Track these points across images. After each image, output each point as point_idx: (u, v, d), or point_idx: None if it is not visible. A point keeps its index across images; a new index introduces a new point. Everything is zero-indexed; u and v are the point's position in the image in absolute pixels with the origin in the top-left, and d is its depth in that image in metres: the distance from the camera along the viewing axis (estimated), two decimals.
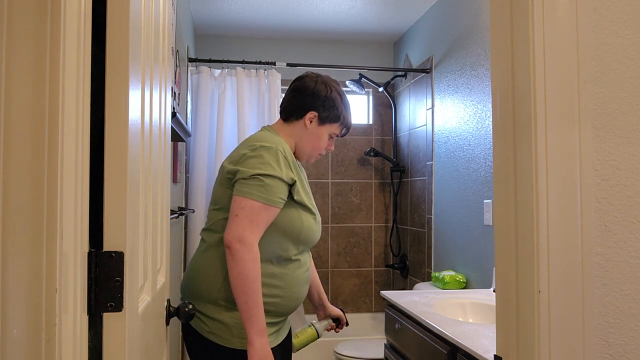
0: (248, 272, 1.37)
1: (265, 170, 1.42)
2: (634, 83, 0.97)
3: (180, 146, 2.73)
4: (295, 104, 1.61)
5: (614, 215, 0.95)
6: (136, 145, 0.84)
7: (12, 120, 0.62)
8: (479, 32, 2.66)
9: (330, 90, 1.61)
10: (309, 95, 1.59)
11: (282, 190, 1.44)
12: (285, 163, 1.46)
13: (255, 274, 1.38)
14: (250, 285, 1.37)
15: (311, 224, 1.53)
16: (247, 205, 1.40)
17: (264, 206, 1.41)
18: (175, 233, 2.57)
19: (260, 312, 1.38)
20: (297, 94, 1.61)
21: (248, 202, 1.40)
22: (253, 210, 1.40)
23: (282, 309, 1.51)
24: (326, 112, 1.60)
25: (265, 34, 3.86)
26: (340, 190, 4.02)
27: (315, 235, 1.56)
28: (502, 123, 1.01)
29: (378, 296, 4.05)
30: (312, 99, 1.59)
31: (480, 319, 2.01)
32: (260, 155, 1.44)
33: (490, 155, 2.52)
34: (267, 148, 1.45)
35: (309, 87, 1.61)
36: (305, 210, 1.52)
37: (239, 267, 1.37)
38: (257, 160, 1.43)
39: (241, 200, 1.41)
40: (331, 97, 1.60)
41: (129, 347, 0.78)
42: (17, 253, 0.61)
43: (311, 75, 1.64)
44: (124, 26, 0.77)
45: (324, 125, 1.61)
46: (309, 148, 1.62)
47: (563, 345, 0.91)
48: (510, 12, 0.98)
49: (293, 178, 1.47)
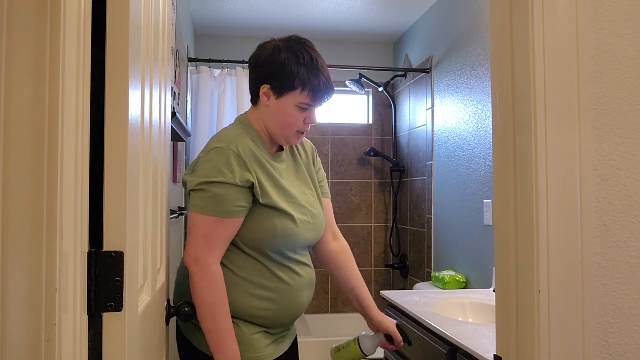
0: (205, 297, 1.23)
1: (213, 177, 1.24)
2: (634, 83, 0.97)
3: (180, 146, 2.73)
4: (251, 82, 1.39)
5: (614, 215, 0.95)
6: (136, 145, 0.84)
7: (12, 120, 0.62)
8: (479, 32, 2.66)
9: (279, 52, 1.31)
10: (258, 67, 1.35)
11: (238, 197, 1.25)
12: (240, 163, 1.26)
13: (215, 299, 1.23)
14: (210, 311, 1.23)
15: (289, 229, 1.32)
16: (198, 222, 1.25)
17: (218, 219, 1.25)
18: (175, 233, 2.57)
19: (228, 339, 1.23)
20: (258, 66, 1.35)
21: (199, 217, 1.25)
22: (206, 226, 1.25)
23: (277, 320, 1.36)
24: (278, 82, 1.31)
25: (265, 34, 3.85)
26: (340, 190, 4.02)
27: (299, 238, 1.35)
28: (502, 123, 1.01)
29: (378, 296, 4.04)
30: (262, 70, 1.34)
31: (480, 319, 2.01)
32: (209, 159, 1.27)
33: (490, 155, 2.52)
34: (218, 150, 1.27)
35: (257, 56, 1.36)
36: (279, 214, 1.31)
37: (195, 291, 1.24)
38: (207, 167, 1.26)
39: (192, 216, 1.26)
40: (279, 61, 1.30)
41: (129, 347, 0.78)
42: (17, 253, 0.61)
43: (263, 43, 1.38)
44: (124, 26, 0.77)
45: (283, 97, 1.32)
46: (277, 128, 1.35)
47: (563, 345, 0.91)
48: (510, 12, 0.98)
49: (250, 180, 1.27)
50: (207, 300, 1.23)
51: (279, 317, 1.36)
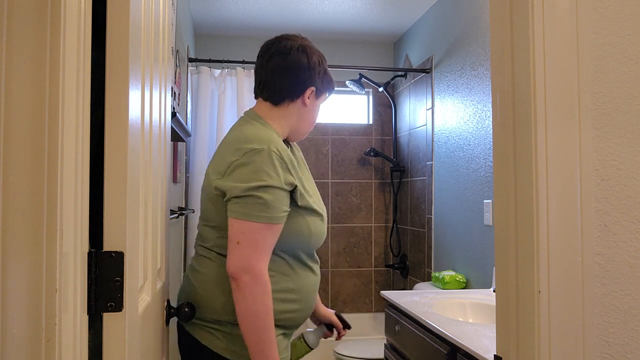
0: (258, 308, 1.18)
1: (259, 181, 1.19)
2: (634, 83, 0.97)
3: (180, 146, 2.73)
4: (289, 83, 1.35)
5: (614, 215, 0.95)
6: (136, 145, 0.84)
7: (12, 120, 0.62)
8: (479, 32, 2.66)
9: (321, 59, 1.40)
10: (306, 70, 1.36)
11: (284, 202, 1.23)
12: (282, 166, 1.23)
13: (267, 310, 1.19)
14: (261, 323, 1.19)
15: (319, 228, 1.34)
16: (247, 230, 1.19)
17: (268, 226, 1.20)
18: (175, 233, 2.57)
19: (273, 350, 1.20)
20: (288, 72, 1.35)
21: (248, 225, 1.19)
22: (256, 234, 1.19)
23: (299, 320, 1.36)
24: (322, 84, 1.40)
25: (265, 34, 3.86)
26: (340, 190, 4.02)
27: (324, 236, 1.38)
28: (502, 123, 1.01)
29: (378, 296, 4.05)
30: (310, 74, 1.36)
31: (480, 319, 2.01)
32: (251, 161, 1.21)
33: (490, 155, 2.52)
34: (258, 152, 1.21)
35: (302, 61, 1.36)
36: (312, 214, 1.32)
37: (247, 302, 1.18)
38: (249, 170, 1.20)
39: (240, 224, 1.20)
40: (324, 66, 1.40)
41: (129, 347, 0.78)
42: (17, 253, 0.61)
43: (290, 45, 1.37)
44: (124, 26, 0.77)
45: (320, 98, 1.41)
46: (306, 126, 1.41)
47: (563, 345, 0.91)
48: (510, 12, 0.98)
49: (293, 182, 1.25)
50: (259, 311, 1.19)
51: (301, 317, 1.36)
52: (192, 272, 1.35)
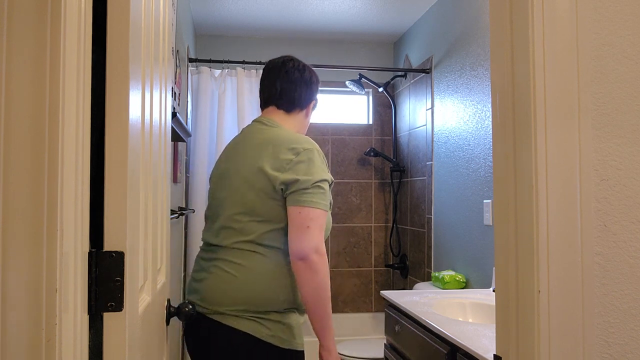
0: (326, 282, 1.41)
1: (323, 176, 1.44)
2: (634, 83, 0.97)
3: (180, 146, 2.73)
4: (303, 94, 1.62)
5: (613, 215, 0.95)
6: (136, 145, 0.84)
7: (12, 120, 0.62)
8: (479, 32, 2.66)
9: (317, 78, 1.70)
10: (313, 84, 1.65)
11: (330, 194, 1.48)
12: (325, 163, 1.49)
13: (329, 284, 1.43)
14: (326, 295, 1.41)
15: (330, 220, 1.56)
16: (315, 216, 1.41)
17: (326, 213, 1.44)
18: (176, 233, 2.57)
19: (331, 319, 1.44)
20: (303, 85, 1.62)
21: (316, 212, 1.41)
22: (321, 220, 1.42)
23: None
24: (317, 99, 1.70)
25: (265, 34, 3.85)
26: (340, 190, 4.02)
27: None
28: (501, 123, 1.01)
29: (378, 296, 4.05)
30: (314, 89, 1.66)
31: (480, 319, 2.01)
32: (309, 159, 1.44)
33: (490, 155, 2.52)
34: (311, 151, 1.45)
35: (312, 78, 1.65)
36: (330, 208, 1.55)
37: (317, 278, 1.39)
38: (310, 166, 1.43)
39: (309, 211, 1.41)
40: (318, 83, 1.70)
41: (129, 347, 0.78)
42: (17, 253, 0.61)
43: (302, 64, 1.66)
44: (124, 26, 0.77)
45: (314, 109, 1.71)
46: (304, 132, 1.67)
47: (563, 345, 0.91)
48: (510, 12, 0.98)
49: (332, 178, 1.50)
50: (326, 285, 1.41)
51: None
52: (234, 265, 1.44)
